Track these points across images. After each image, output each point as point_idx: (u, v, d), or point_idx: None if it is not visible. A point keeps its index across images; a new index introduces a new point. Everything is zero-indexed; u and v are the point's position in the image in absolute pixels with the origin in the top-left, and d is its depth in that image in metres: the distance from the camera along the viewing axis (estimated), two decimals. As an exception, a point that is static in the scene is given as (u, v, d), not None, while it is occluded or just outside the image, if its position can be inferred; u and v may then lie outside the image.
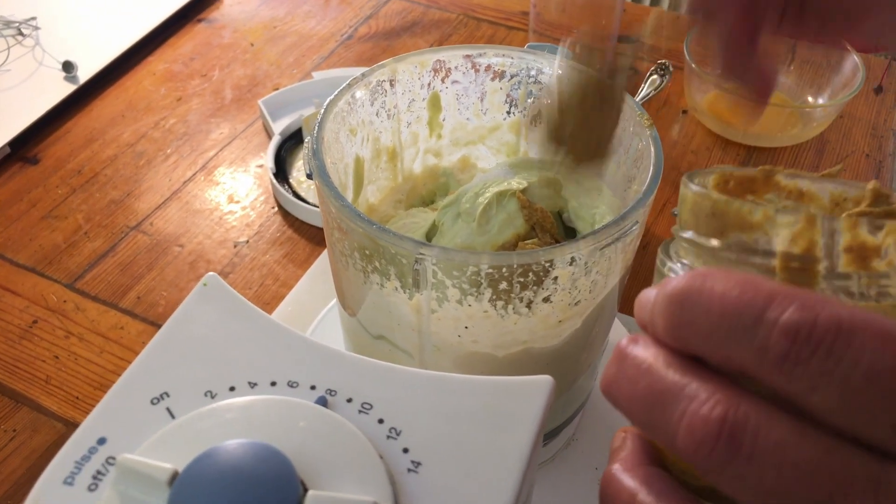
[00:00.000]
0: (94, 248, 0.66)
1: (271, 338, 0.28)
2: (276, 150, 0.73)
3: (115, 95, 0.81)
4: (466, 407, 0.26)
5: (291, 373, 0.27)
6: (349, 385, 0.27)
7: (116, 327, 0.61)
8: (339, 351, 0.28)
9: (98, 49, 0.83)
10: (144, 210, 0.70)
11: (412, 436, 0.25)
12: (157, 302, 0.63)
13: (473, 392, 0.26)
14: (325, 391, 0.26)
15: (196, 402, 0.26)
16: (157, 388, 0.26)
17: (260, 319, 0.29)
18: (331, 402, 0.26)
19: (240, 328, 0.28)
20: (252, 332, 0.28)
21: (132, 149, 0.75)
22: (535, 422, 0.26)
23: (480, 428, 0.25)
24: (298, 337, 0.28)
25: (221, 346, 0.27)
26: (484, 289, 0.34)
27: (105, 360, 0.59)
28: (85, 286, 0.63)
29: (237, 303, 0.29)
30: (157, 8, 0.88)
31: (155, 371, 0.27)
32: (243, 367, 0.27)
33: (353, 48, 0.87)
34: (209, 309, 0.29)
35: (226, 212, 0.70)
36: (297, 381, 0.27)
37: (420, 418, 0.26)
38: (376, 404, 0.26)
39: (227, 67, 0.85)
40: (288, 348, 0.28)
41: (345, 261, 0.37)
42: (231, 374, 0.27)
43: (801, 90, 0.82)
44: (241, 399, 0.25)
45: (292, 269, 0.65)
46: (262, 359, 0.27)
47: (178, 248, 0.67)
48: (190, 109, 0.80)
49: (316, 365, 0.27)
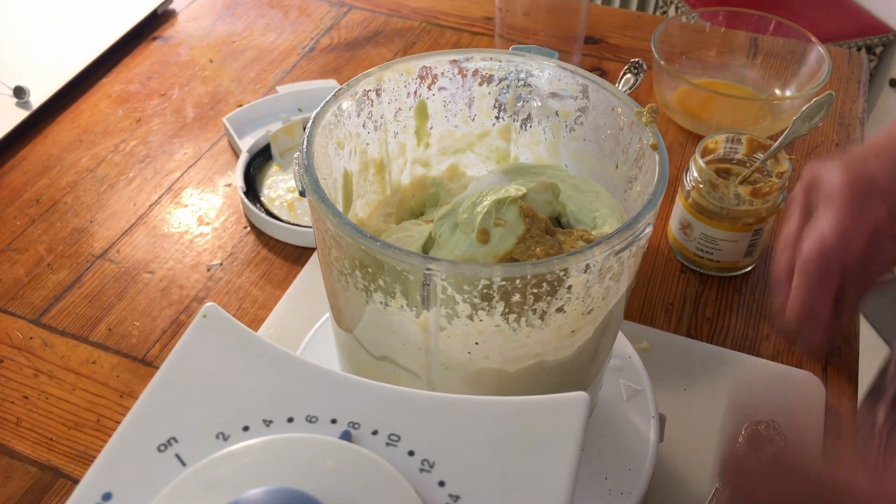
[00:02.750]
0: (58, 279, 0.63)
1: (282, 369, 0.26)
2: (244, 168, 0.70)
3: (71, 120, 0.78)
4: (500, 431, 0.24)
5: (308, 406, 0.25)
6: (372, 416, 0.25)
7: (88, 362, 0.58)
8: (357, 378, 0.26)
9: (50, 73, 0.79)
10: (110, 237, 0.67)
11: (447, 467, 0.23)
12: (130, 333, 0.60)
13: (506, 415, 0.25)
14: (348, 424, 0.24)
15: (208, 446, 0.23)
16: (164, 432, 0.24)
17: (267, 350, 0.26)
18: (355, 436, 0.24)
19: (247, 361, 0.26)
20: (260, 365, 0.26)
21: (92, 174, 0.72)
22: (574, 442, 0.24)
23: (518, 453, 0.24)
24: (311, 366, 0.26)
25: (229, 381, 0.25)
26: (496, 302, 0.32)
27: (78, 397, 0.56)
28: (52, 320, 0.60)
29: (241, 333, 0.27)
30: (110, 28, 0.85)
31: (159, 414, 0.24)
32: (255, 404, 0.25)
33: (315, 60, 0.85)
34: (211, 342, 0.26)
35: (196, 234, 0.67)
36: (315, 416, 0.25)
37: (453, 447, 0.24)
38: (404, 435, 0.24)
39: (187, 85, 0.82)
40: (301, 379, 0.26)
41: (344, 280, 0.35)
42: (243, 413, 0.24)
43: (768, 83, 0.83)
44: (257, 440, 0.23)
45: (270, 290, 0.63)
46: (275, 393, 0.25)
47: (148, 274, 0.64)
48: (150, 130, 0.77)
49: (333, 395, 0.25)
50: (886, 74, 1.68)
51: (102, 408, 0.55)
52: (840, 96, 0.83)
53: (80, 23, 0.87)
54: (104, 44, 0.83)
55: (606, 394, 0.48)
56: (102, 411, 0.55)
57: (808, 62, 0.79)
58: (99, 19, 0.87)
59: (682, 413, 0.53)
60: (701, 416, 0.53)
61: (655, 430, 0.47)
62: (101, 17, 0.87)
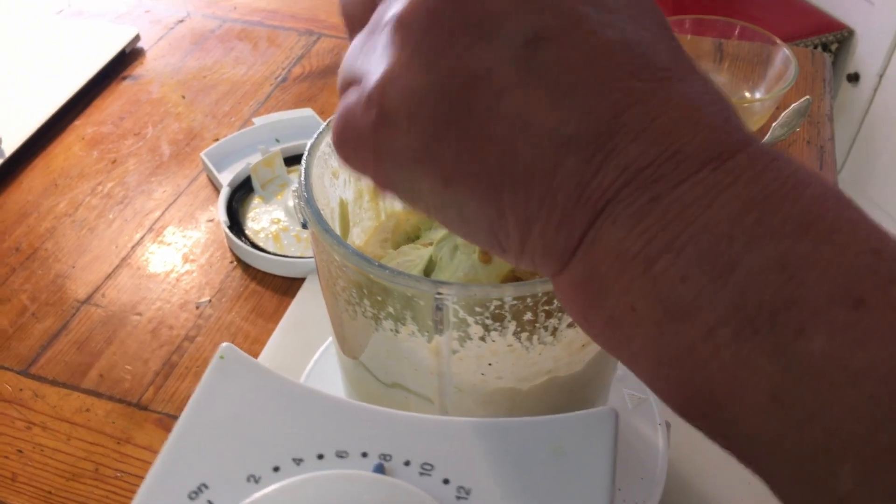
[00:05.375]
0: (44, 328, 0.62)
1: (306, 405, 0.26)
2: (226, 202, 0.70)
3: (45, 165, 0.76)
4: (533, 452, 0.24)
5: (337, 441, 0.24)
6: (402, 446, 0.24)
7: (81, 410, 0.57)
8: (383, 409, 0.26)
9: (20, 119, 0.78)
10: (94, 281, 0.66)
11: (483, 493, 0.23)
12: (122, 377, 0.59)
13: (536, 435, 0.25)
14: (380, 456, 0.24)
15: (240, 489, 0.23)
16: (193, 479, 0.23)
17: (289, 387, 0.26)
18: (388, 469, 0.24)
19: (269, 400, 0.26)
20: (284, 403, 0.26)
21: (71, 219, 0.71)
22: (608, 458, 0.24)
23: (553, 473, 0.24)
24: (334, 400, 0.26)
25: (254, 422, 0.25)
26: (508, 322, 0.32)
27: (74, 447, 0.54)
28: (41, 370, 0.59)
29: (261, 372, 0.26)
30: (78, 70, 0.84)
31: (186, 461, 0.24)
32: (283, 443, 0.24)
33: (289, 90, 0.85)
34: (231, 383, 0.26)
35: (182, 272, 0.66)
36: (345, 451, 0.24)
37: (487, 472, 0.24)
38: (437, 463, 0.24)
39: (161, 123, 0.81)
40: (326, 414, 0.25)
41: (352, 310, 0.34)
42: (272, 453, 0.24)
43: (737, 86, 0.84)
44: (290, 480, 0.23)
45: (262, 324, 0.62)
46: (302, 430, 0.25)
47: (137, 316, 0.63)
48: (127, 171, 0.76)
49: (360, 428, 0.25)
50: (844, 70, 1.72)
51: (100, 456, 0.54)
52: (807, 95, 0.85)
53: (47, 67, 0.86)
54: (74, 86, 0.82)
55: (612, 404, 0.48)
56: (100, 460, 0.54)
57: (774, 64, 0.81)
58: (66, 62, 0.86)
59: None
60: (704, 419, 0.54)
61: (664, 438, 0.47)
62: (69, 59, 0.86)
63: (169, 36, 0.94)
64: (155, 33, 0.94)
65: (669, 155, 0.20)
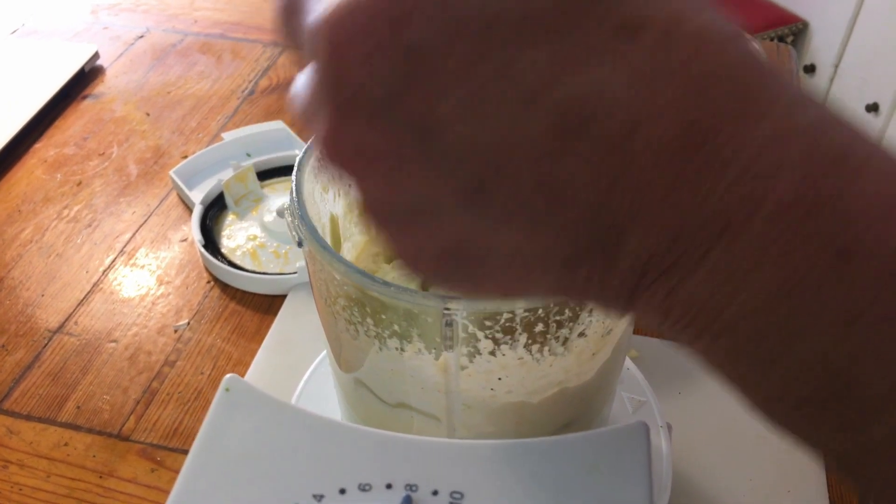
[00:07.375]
0: (15, 361, 0.59)
1: (319, 436, 0.24)
2: (200, 221, 0.68)
3: (7, 191, 0.74)
4: (565, 472, 0.23)
5: (358, 473, 0.23)
6: (427, 474, 0.23)
7: (60, 445, 0.54)
8: (401, 435, 0.24)
9: (-23, 143, 0.75)
10: (65, 309, 0.63)
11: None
12: (101, 408, 0.56)
13: (567, 454, 0.24)
14: (406, 487, 0.23)
15: (260, 531, 0.22)
16: (208, 523, 0.22)
17: (301, 417, 0.25)
18: (417, 500, 0.22)
19: (281, 432, 0.24)
20: (297, 434, 0.24)
21: (37, 245, 0.68)
22: (645, 473, 0.23)
23: (590, 492, 0.23)
24: (349, 428, 0.25)
25: (267, 457, 0.23)
26: (519, 335, 0.31)
27: (54, 484, 0.52)
28: (14, 405, 0.56)
29: (270, 403, 0.25)
30: (37, 91, 0.81)
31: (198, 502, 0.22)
32: (301, 479, 0.23)
33: (257, 103, 0.83)
34: (240, 417, 0.24)
35: (158, 295, 0.64)
36: (368, 483, 0.23)
37: (520, 496, 0.23)
38: (467, 491, 0.23)
39: (126, 142, 0.79)
40: (343, 444, 0.24)
41: (353, 329, 0.33)
42: (290, 490, 0.23)
43: (707, 82, 0.84)
44: (313, 517, 0.22)
45: (244, 345, 0.60)
46: (320, 464, 0.23)
47: (112, 344, 0.60)
48: (94, 193, 0.74)
49: (381, 458, 0.24)
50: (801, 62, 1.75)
51: (82, 492, 0.51)
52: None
53: (3, 89, 0.83)
54: (32, 108, 0.79)
55: (613, 409, 0.47)
56: (83, 496, 0.51)
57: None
58: (24, 83, 0.83)
59: (683, 417, 0.53)
60: (702, 417, 0.53)
61: (666, 440, 0.46)
62: (26, 80, 0.83)
63: (129, 52, 0.92)
64: (114, 50, 0.92)
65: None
